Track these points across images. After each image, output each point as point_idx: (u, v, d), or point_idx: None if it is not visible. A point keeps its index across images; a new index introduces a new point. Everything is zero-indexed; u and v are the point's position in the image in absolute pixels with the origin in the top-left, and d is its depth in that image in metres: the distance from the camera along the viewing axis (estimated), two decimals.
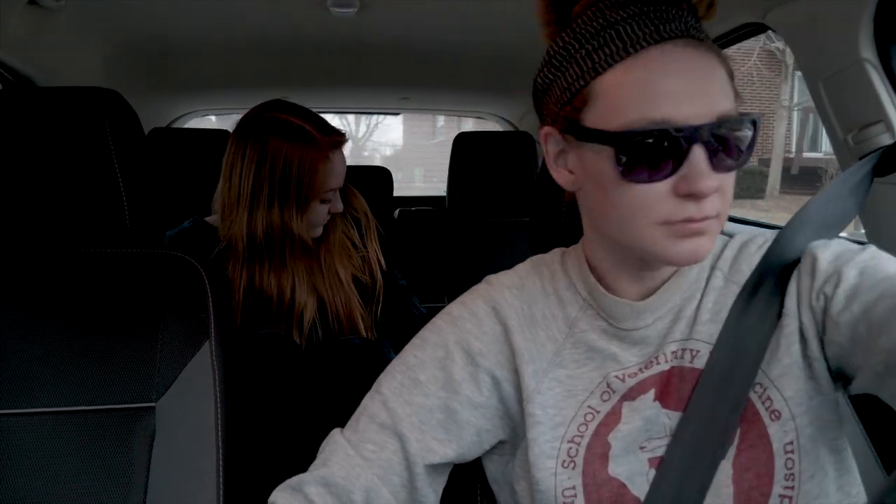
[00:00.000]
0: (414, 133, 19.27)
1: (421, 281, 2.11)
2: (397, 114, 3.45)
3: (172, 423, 1.04)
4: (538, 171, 1.06)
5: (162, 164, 2.25)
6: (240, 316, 1.50)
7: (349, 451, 0.75)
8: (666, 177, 0.65)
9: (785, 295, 0.73)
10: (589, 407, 0.75)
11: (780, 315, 0.73)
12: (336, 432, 0.79)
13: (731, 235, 0.83)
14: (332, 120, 1.62)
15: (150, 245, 1.16)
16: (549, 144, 0.75)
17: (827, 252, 0.71)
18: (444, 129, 17.28)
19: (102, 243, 1.15)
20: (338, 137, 1.50)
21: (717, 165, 0.65)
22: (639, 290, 0.76)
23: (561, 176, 0.75)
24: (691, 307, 0.76)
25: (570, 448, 0.74)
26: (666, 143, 0.64)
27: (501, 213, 2.26)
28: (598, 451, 0.74)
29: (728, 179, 0.67)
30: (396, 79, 2.55)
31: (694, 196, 0.64)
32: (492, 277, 0.84)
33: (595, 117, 0.68)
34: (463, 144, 2.26)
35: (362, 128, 18.10)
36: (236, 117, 1.62)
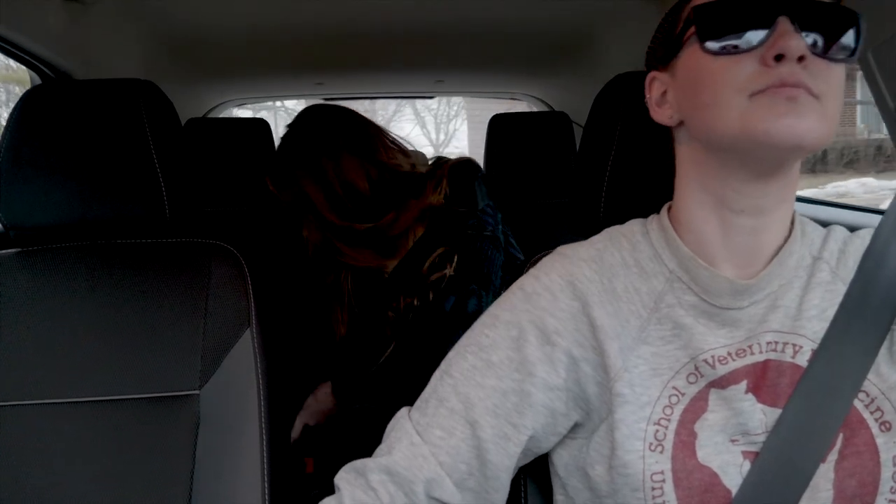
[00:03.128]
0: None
1: None
2: (431, 97, 3.43)
3: (217, 411, 1.05)
4: (577, 152, 1.04)
5: (199, 153, 2.27)
6: None
7: (414, 438, 0.73)
8: (753, 47, 0.64)
9: None
10: (674, 388, 0.71)
11: (890, 325, 0.70)
12: (404, 414, 0.77)
13: (824, 224, 0.79)
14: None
15: (190, 234, 1.17)
16: (653, 89, 0.77)
17: None
18: None
19: (142, 233, 1.16)
20: None
21: (809, 45, 0.63)
22: (737, 265, 0.73)
23: (661, 113, 0.76)
24: (790, 296, 0.72)
25: (658, 431, 0.70)
26: (749, 9, 0.64)
27: (539, 194, 2.23)
28: (684, 438, 0.70)
29: (826, 70, 0.64)
30: (431, 61, 2.53)
31: (783, 57, 0.62)
32: (566, 249, 0.80)
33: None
34: (498, 126, 2.23)
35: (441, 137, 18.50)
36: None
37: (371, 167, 1.52)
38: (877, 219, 0.77)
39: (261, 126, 2.41)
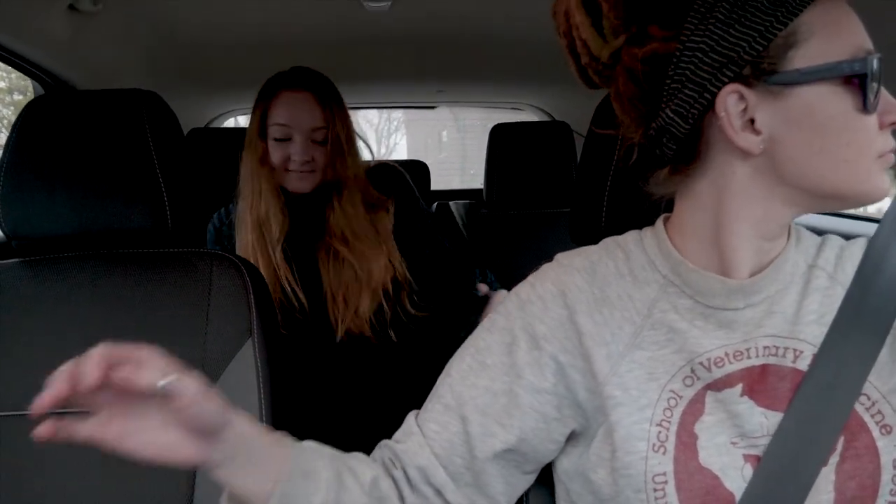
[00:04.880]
0: None
1: None
2: (433, 107, 3.43)
3: None
4: (578, 161, 1.04)
5: (201, 163, 2.27)
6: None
7: (414, 429, 0.79)
8: (875, 108, 0.65)
9: None
10: (671, 391, 0.72)
11: (890, 327, 0.70)
12: (411, 414, 0.82)
13: (819, 233, 0.80)
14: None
15: (192, 244, 1.17)
16: (729, 106, 0.66)
17: None
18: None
19: (144, 243, 1.16)
20: (290, 82, 1.60)
21: None
22: (746, 276, 0.72)
23: (746, 139, 0.66)
24: (786, 302, 0.73)
25: (660, 432, 0.71)
26: (879, 73, 0.64)
27: (540, 204, 2.24)
28: (685, 440, 0.71)
29: None
30: (432, 71, 2.54)
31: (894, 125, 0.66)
32: (563, 258, 0.82)
33: (807, 57, 0.64)
34: (500, 136, 2.24)
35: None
36: None
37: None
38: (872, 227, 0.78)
39: None
